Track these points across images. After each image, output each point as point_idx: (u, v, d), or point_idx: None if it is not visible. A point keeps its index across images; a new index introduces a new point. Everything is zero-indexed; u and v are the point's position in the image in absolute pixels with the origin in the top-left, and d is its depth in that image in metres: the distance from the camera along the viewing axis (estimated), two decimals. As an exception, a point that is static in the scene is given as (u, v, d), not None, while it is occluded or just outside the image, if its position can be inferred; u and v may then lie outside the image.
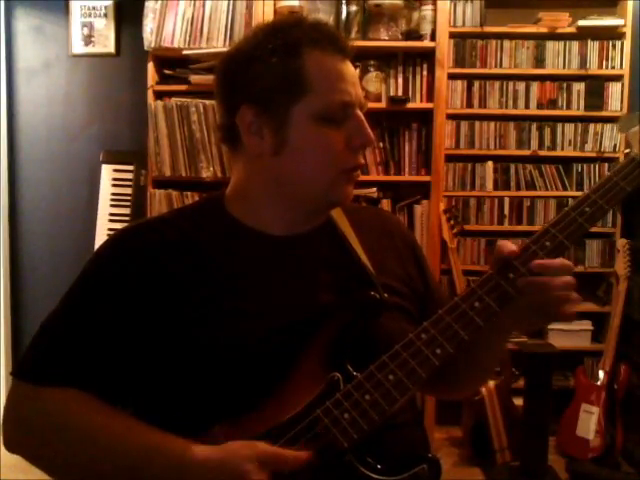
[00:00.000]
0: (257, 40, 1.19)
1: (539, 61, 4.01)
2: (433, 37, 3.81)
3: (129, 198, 3.98)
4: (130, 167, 4.01)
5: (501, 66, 4.01)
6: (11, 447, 1.14)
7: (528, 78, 4.03)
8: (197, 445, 1.02)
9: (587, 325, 4.06)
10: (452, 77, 3.96)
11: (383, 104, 3.88)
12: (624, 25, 3.96)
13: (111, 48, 4.19)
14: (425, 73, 3.90)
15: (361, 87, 3.53)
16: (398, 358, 1.07)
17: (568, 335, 4.02)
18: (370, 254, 1.26)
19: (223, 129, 1.25)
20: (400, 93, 3.89)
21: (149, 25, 3.74)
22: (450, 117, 3.98)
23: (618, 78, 4.01)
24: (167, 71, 3.88)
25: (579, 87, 4.02)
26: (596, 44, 3.98)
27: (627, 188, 1.12)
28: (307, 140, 1.16)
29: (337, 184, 1.19)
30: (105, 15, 4.17)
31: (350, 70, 1.19)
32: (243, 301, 1.15)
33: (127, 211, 3.97)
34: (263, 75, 1.16)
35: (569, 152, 4.05)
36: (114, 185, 4.03)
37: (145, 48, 3.77)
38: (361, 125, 1.18)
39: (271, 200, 1.22)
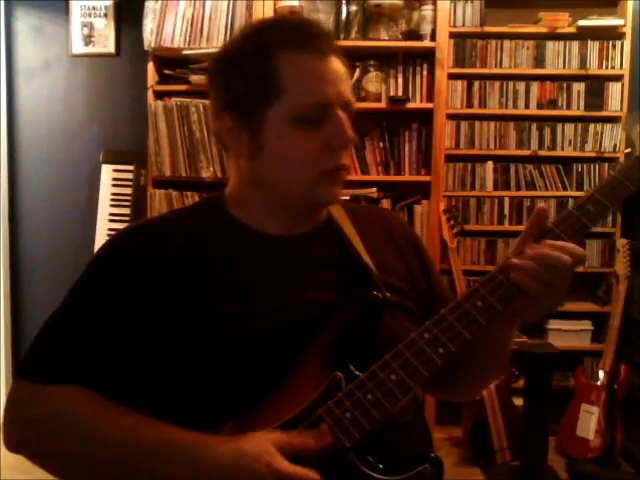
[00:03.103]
0: (235, 44, 1.19)
1: (539, 61, 4.01)
2: (433, 37, 3.82)
3: (129, 198, 3.98)
4: (130, 167, 4.02)
5: (501, 66, 4.01)
6: (13, 447, 1.13)
7: (528, 78, 4.02)
8: (210, 436, 1.01)
9: (587, 325, 4.07)
10: (452, 77, 3.96)
11: (383, 104, 3.88)
12: (624, 25, 3.96)
13: (111, 48, 4.19)
14: (425, 73, 3.90)
15: (361, 87, 3.47)
16: (400, 357, 1.07)
17: (568, 335, 4.02)
18: (372, 253, 1.25)
19: (215, 132, 1.25)
20: (400, 93, 3.90)
21: (149, 25, 3.75)
22: (450, 117, 3.98)
23: (618, 78, 4.01)
24: (167, 71, 3.88)
25: (579, 87, 4.02)
26: (596, 44, 3.98)
27: (631, 187, 1.11)
28: (283, 143, 1.15)
29: (319, 186, 1.17)
30: (105, 15, 4.17)
31: (331, 68, 1.16)
32: (243, 301, 1.15)
33: (127, 211, 3.98)
34: (238, 80, 1.16)
35: (569, 152, 4.05)
36: (114, 185, 4.03)
37: (145, 48, 3.78)
38: (340, 125, 1.15)
39: (262, 202, 1.22)
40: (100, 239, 3.91)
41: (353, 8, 3.84)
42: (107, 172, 4.04)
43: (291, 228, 1.24)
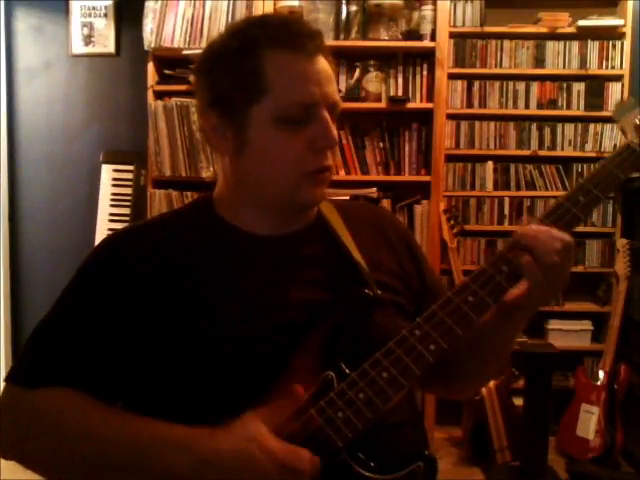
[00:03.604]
0: (221, 41, 1.18)
1: (539, 61, 4.01)
2: (433, 37, 3.81)
3: (129, 198, 3.99)
4: (130, 167, 4.02)
5: (501, 66, 4.00)
6: (5, 452, 1.13)
7: (528, 78, 4.02)
8: (200, 427, 1.01)
9: (587, 325, 4.06)
10: (452, 77, 3.96)
11: (383, 104, 3.88)
12: (624, 25, 3.96)
13: (111, 48, 4.20)
14: (425, 73, 3.90)
15: (361, 87, 3.48)
16: (392, 355, 1.06)
17: (568, 335, 4.02)
18: (363, 250, 1.25)
19: (201, 130, 1.25)
20: (400, 93, 3.90)
21: (149, 25, 3.75)
22: (450, 117, 3.98)
23: (618, 78, 4.01)
24: (167, 71, 3.88)
25: (579, 87, 4.02)
26: (596, 44, 3.98)
27: (621, 176, 1.11)
28: (266, 142, 1.14)
29: (302, 187, 1.16)
30: (105, 15, 4.17)
31: (317, 68, 1.14)
32: (235, 301, 1.14)
33: (127, 211, 3.98)
34: (223, 77, 1.15)
35: (569, 152, 4.04)
36: (114, 185, 4.03)
37: (145, 48, 3.77)
38: (324, 126, 1.13)
39: (247, 202, 1.22)
40: (100, 239, 3.89)
41: (353, 8, 3.84)
42: (107, 172, 4.04)
43: (280, 228, 1.23)
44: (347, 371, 1.07)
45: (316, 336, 1.12)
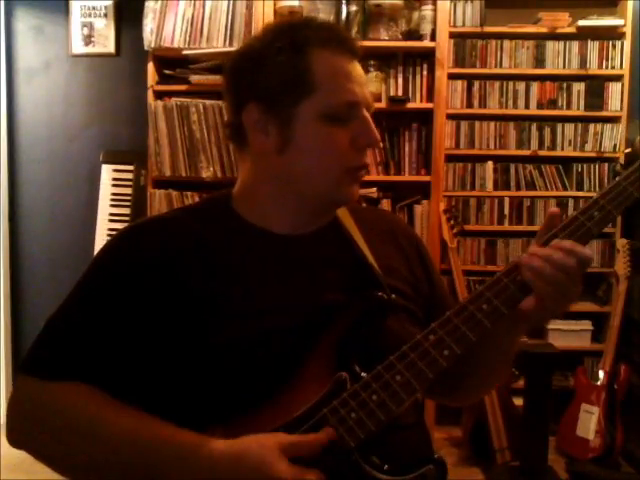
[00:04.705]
0: (266, 39, 1.20)
1: (539, 61, 4.01)
2: (433, 37, 3.81)
3: (129, 198, 3.99)
4: (130, 167, 4.02)
5: (501, 66, 4.01)
6: (16, 443, 1.13)
7: (528, 78, 4.03)
8: (213, 438, 1.01)
9: (587, 325, 4.07)
10: (452, 77, 3.97)
11: (383, 104, 3.88)
12: (624, 25, 3.97)
13: (111, 48, 4.20)
14: (425, 73, 3.90)
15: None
16: (406, 359, 1.07)
17: (568, 335, 4.02)
18: (376, 254, 1.26)
19: (230, 127, 1.25)
20: (400, 93, 3.90)
21: (149, 25, 3.74)
22: (450, 117, 3.98)
23: (618, 78, 4.02)
24: (167, 71, 3.87)
25: (579, 87, 4.02)
26: (596, 44, 3.99)
27: (636, 194, 1.12)
28: (312, 139, 1.17)
29: (342, 183, 1.19)
30: (105, 15, 4.17)
31: (358, 70, 1.20)
32: (249, 300, 1.14)
33: (127, 211, 3.98)
34: (271, 73, 1.17)
35: (569, 152, 4.05)
36: (114, 185, 4.03)
37: (145, 48, 3.77)
38: (367, 125, 1.18)
39: (277, 199, 1.22)
40: (100, 239, 3.91)
41: (353, 8, 3.83)
42: (107, 172, 4.04)
43: (298, 227, 1.24)
44: (361, 373, 1.08)
45: (330, 336, 1.12)
